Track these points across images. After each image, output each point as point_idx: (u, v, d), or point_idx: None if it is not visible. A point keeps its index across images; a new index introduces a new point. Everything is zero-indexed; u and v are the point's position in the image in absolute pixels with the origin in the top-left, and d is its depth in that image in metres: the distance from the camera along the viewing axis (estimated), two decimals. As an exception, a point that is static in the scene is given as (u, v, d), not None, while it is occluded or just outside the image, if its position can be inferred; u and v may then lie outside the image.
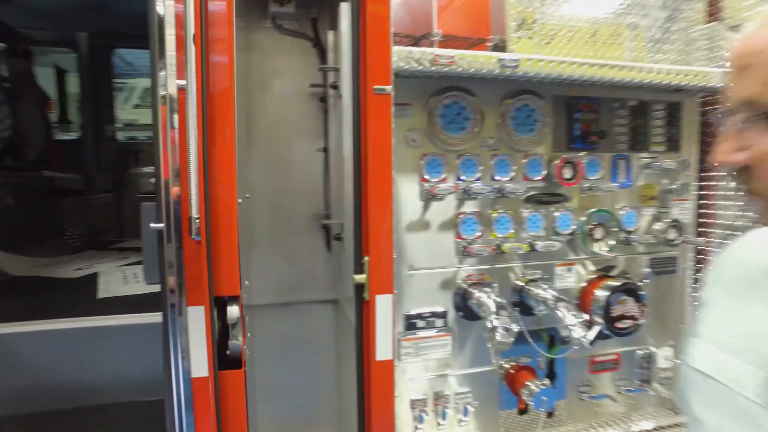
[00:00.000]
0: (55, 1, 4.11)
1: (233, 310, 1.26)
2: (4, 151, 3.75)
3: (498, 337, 1.86)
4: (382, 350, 1.60)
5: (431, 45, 1.99)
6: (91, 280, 2.15)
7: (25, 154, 3.85)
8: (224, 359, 1.24)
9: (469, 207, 2.13)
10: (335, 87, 2.05)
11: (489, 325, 1.89)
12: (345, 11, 1.72)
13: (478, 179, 2.12)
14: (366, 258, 1.58)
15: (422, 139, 2.05)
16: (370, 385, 1.62)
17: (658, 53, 2.19)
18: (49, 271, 2.66)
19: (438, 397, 2.16)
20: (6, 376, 1.75)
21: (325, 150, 2.22)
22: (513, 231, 2.17)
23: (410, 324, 2.08)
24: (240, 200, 1.35)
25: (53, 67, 5.28)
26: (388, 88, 1.53)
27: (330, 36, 2.07)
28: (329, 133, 2.19)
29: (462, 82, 2.06)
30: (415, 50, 1.71)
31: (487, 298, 2.00)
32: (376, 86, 1.49)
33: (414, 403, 2.11)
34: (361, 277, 1.57)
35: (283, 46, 2.14)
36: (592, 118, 2.25)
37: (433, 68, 1.75)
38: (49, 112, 4.56)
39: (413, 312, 2.08)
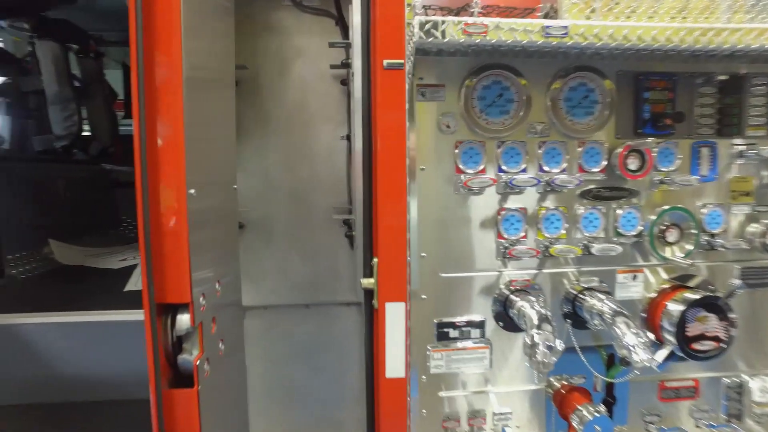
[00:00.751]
0: (124, 3, 4.25)
1: (183, 320, 1.11)
2: (71, 145, 3.97)
3: (539, 355, 1.59)
4: (393, 366, 1.39)
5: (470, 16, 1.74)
6: (129, 271, 2.11)
7: (90, 148, 4.06)
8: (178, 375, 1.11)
9: (513, 202, 1.86)
10: (347, 65, 1.86)
11: (528, 340, 1.61)
12: (357, -24, 1.52)
13: (523, 170, 1.84)
14: (375, 260, 1.37)
15: (458, 125, 1.81)
16: (380, 405, 1.42)
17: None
18: (95, 261, 2.73)
19: (474, 416, 1.92)
20: (26, 365, 1.76)
21: (349, 138, 2.04)
22: (564, 231, 1.87)
23: (442, 333, 1.85)
24: (235, 186, 1.20)
25: (122, 66, 5.54)
26: (401, 62, 1.30)
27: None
28: (353, 119, 2.01)
29: (505, 59, 1.79)
30: (439, 19, 1.47)
31: (529, 309, 1.72)
32: (387, 60, 1.28)
33: (445, 422, 1.88)
34: (369, 282, 1.37)
35: (303, 25, 1.98)
36: (667, 97, 1.88)
37: (462, 40, 1.50)
38: (116, 109, 4.79)
39: (446, 320, 1.85)
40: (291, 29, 1.97)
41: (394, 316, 1.37)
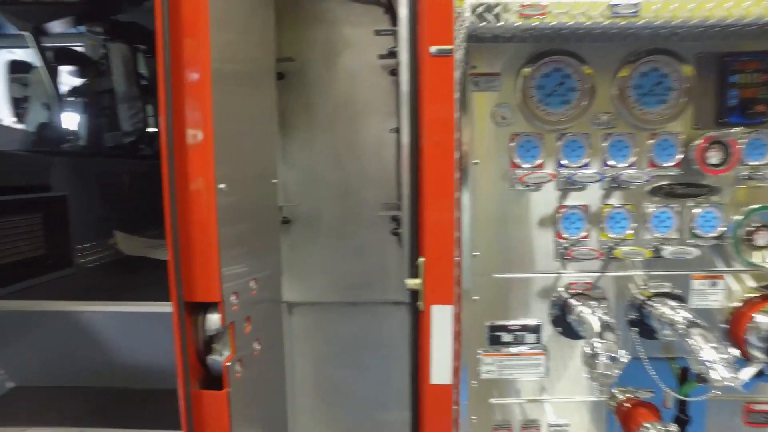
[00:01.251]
0: (188, 2, 4.39)
1: (213, 319, 1.09)
2: (138, 141, 4.18)
3: (600, 367, 1.45)
4: (439, 372, 1.31)
5: None
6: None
7: (154, 144, 4.26)
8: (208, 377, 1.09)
9: (574, 199, 1.72)
10: (392, 55, 1.78)
11: (588, 350, 1.48)
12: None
13: (585, 165, 1.69)
14: (421, 260, 1.29)
15: (514, 116, 1.69)
16: (424, 411, 1.34)
17: None
18: (155, 252, 2.84)
19: (527, 426, 1.81)
20: (87, 351, 1.85)
21: (398, 131, 1.97)
22: (632, 231, 1.70)
23: (494, 337, 1.75)
24: (275, 181, 1.16)
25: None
26: (449, 48, 1.21)
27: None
28: (401, 111, 1.93)
29: (566, 44, 1.65)
30: (493, 1, 1.37)
31: (590, 315, 1.59)
32: (433, 47, 1.19)
33: (496, 431, 1.78)
34: (415, 282, 1.29)
35: (351, 14, 1.92)
36: (760, 80, 1.66)
37: (518, 23, 1.38)
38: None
39: (498, 323, 1.75)
40: (338, 19, 1.93)
41: (441, 319, 1.29)
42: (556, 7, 1.39)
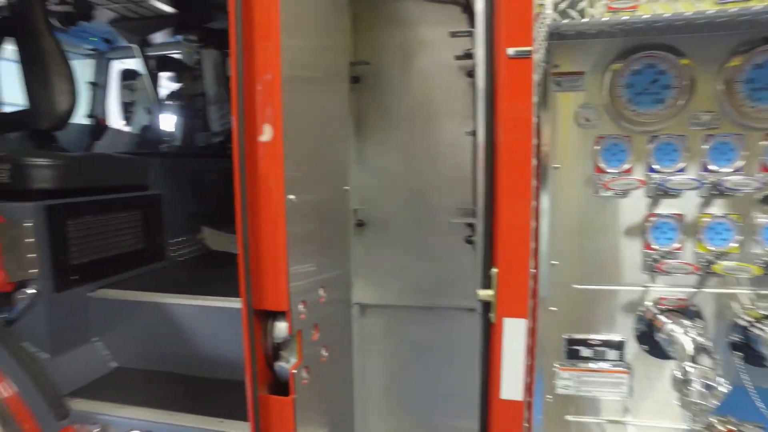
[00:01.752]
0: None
1: (280, 327, 1.10)
2: (226, 140, 4.44)
3: (693, 395, 1.32)
4: (509, 387, 1.26)
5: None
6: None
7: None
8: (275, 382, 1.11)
9: (666, 207, 1.58)
10: (469, 56, 1.72)
11: (679, 374, 1.35)
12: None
13: (680, 170, 1.54)
14: (494, 270, 1.24)
15: (599, 118, 1.58)
16: (492, 427, 1.29)
17: None
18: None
19: (607, 448, 1.69)
20: (174, 339, 1.99)
21: (475, 133, 1.90)
22: (737, 244, 1.53)
23: (572, 351, 1.66)
24: (347, 188, 1.17)
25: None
26: (528, 50, 1.15)
27: (481, -1, 1.73)
28: (477, 114, 1.86)
29: (662, 37, 1.50)
30: (579, -3, 1.28)
31: (683, 335, 1.45)
32: (511, 49, 1.13)
33: (572, 450, 1.69)
34: (487, 294, 1.25)
35: (428, 15, 1.89)
36: None
37: (605, 18, 1.29)
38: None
39: (577, 336, 1.65)
40: (414, 20, 1.90)
41: (513, 333, 1.23)
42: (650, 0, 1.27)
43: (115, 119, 5.02)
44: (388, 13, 1.89)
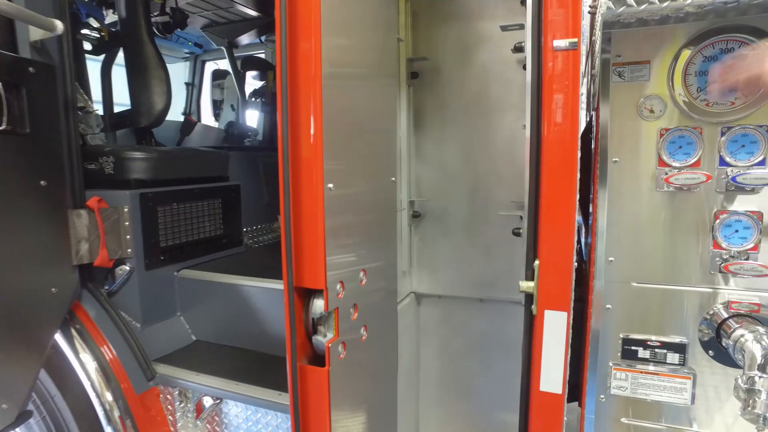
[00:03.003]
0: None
1: (317, 304, 1.18)
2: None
3: (759, 406, 1.23)
4: (549, 380, 1.25)
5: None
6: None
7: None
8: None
9: (740, 203, 1.47)
10: (520, 49, 1.69)
11: (743, 383, 1.26)
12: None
13: (759, 163, 1.43)
14: (536, 262, 1.24)
15: (664, 108, 1.50)
16: (531, 419, 1.29)
17: None
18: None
19: (666, 456, 1.61)
20: (243, 318, 2.18)
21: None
22: (825, 245, 1.39)
23: (628, 352, 1.60)
24: (394, 179, 1.23)
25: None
26: (571, 42, 1.13)
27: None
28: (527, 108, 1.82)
29: (742, 18, 1.39)
30: (635, -19, 1.23)
31: (752, 342, 1.35)
32: (556, 41, 1.12)
33: (626, 455, 1.63)
34: (528, 285, 1.25)
35: (486, 8, 1.88)
36: None
37: (665, 4, 1.23)
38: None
39: (634, 336, 1.59)
40: (472, 14, 1.90)
41: (554, 325, 1.23)
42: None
43: (207, 116, 5.48)
44: (447, 9, 1.92)
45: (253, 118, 5.18)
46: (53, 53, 1.85)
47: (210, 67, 5.44)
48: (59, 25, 1.73)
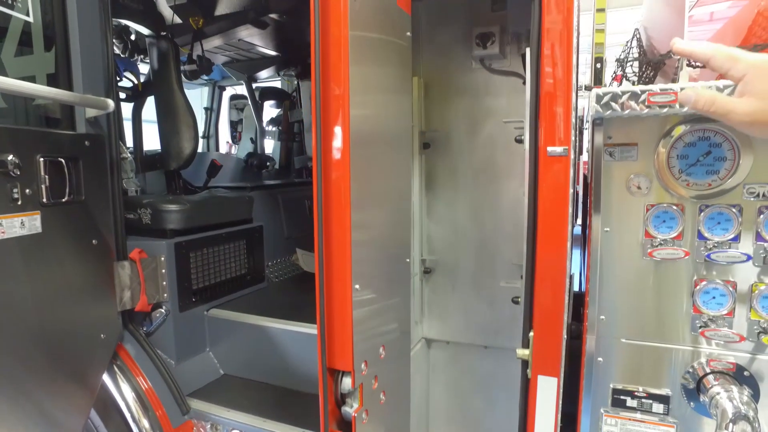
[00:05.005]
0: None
1: (346, 382, 1.37)
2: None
3: (726, 460, 1.41)
4: (543, 433, 1.43)
5: (675, 67, 1.61)
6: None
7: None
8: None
9: (717, 273, 1.64)
10: (520, 141, 1.88)
11: (715, 439, 1.44)
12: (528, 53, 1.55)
13: (734, 238, 1.60)
14: (531, 333, 1.43)
15: (651, 186, 1.68)
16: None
17: None
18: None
19: (654, 498, 1.78)
20: (267, 355, 2.39)
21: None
22: (792, 314, 1.56)
23: (618, 400, 1.77)
24: (408, 260, 1.42)
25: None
26: (564, 149, 1.32)
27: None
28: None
29: (717, 113, 1.57)
30: (619, 90, 1.42)
31: (725, 400, 1.52)
32: (550, 147, 1.31)
33: (616, 496, 1.80)
34: (524, 353, 1.44)
35: (492, 86, 2.07)
36: None
37: (644, 112, 1.41)
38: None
39: (622, 387, 1.76)
40: (480, 90, 2.09)
41: (546, 390, 1.41)
42: (689, 94, 1.37)
43: (225, 143, 5.73)
44: (456, 84, 2.11)
45: (269, 145, 5.42)
46: (103, 123, 2.08)
47: (228, 90, 5.70)
48: (111, 104, 1.95)
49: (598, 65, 1.69)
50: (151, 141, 3.21)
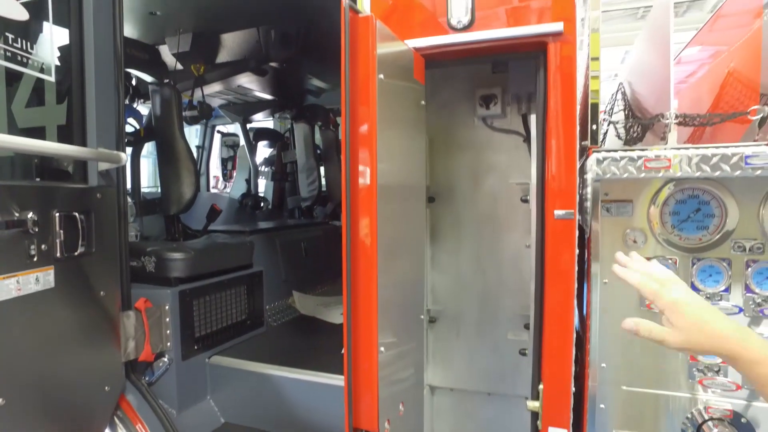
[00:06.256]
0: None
1: None
2: (312, 204, 4.96)
3: (728, 506, 1.46)
4: (553, 486, 1.48)
5: (664, 129, 1.73)
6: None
7: (326, 207, 4.99)
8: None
9: (712, 323, 1.72)
10: (525, 201, 1.99)
11: (717, 487, 1.49)
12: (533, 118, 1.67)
13: (725, 290, 1.70)
14: (541, 386, 1.49)
15: (646, 240, 1.77)
16: None
17: None
18: (324, 313, 3.39)
19: None
20: (267, 402, 2.38)
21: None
22: (783, 363, 1.64)
23: (621, 447, 1.82)
24: (422, 317, 1.45)
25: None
26: (571, 212, 1.41)
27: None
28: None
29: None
30: (617, 155, 1.53)
31: (725, 448, 1.59)
32: (556, 210, 1.41)
33: None
34: (534, 405, 1.49)
35: (494, 142, 2.19)
36: None
37: (641, 176, 1.52)
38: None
39: (626, 433, 1.81)
40: (483, 146, 2.21)
41: (557, 441, 1.46)
42: (681, 160, 1.49)
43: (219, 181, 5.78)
44: (460, 140, 2.23)
45: (261, 184, 5.48)
46: (113, 174, 2.11)
47: (223, 130, 5.77)
48: (124, 157, 2.00)
49: (594, 126, 1.80)
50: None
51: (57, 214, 1.76)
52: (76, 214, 1.84)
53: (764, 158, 1.44)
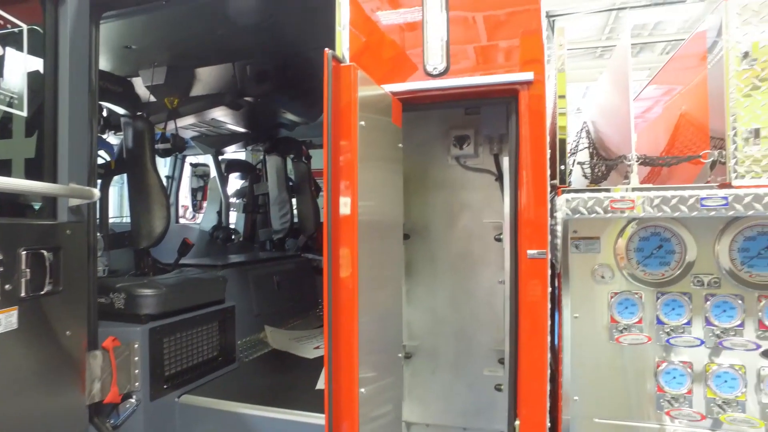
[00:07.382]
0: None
1: None
2: (284, 237, 4.93)
3: None
4: None
5: (627, 169, 1.83)
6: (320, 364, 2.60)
7: (298, 239, 4.97)
8: None
9: (676, 355, 1.80)
10: (499, 240, 2.07)
11: None
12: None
13: (687, 323, 1.78)
14: (517, 423, 1.52)
15: (613, 275, 1.85)
16: None
17: None
18: (297, 347, 3.34)
19: None
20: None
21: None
22: (742, 392, 1.72)
23: (595, 479, 1.84)
24: (400, 357, 1.46)
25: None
26: (541, 252, 1.47)
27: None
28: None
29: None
30: (585, 196, 1.61)
31: (693, 477, 1.63)
32: (529, 250, 1.47)
33: None
34: (512, 441, 1.51)
35: (467, 181, 2.27)
36: None
37: (608, 216, 1.61)
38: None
39: (599, 466, 1.84)
40: (456, 185, 2.29)
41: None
42: (644, 201, 1.58)
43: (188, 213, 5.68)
44: (435, 178, 2.30)
45: (232, 216, 5.42)
46: (83, 209, 2.07)
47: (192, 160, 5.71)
48: (97, 193, 1.97)
49: (562, 167, 1.90)
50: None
51: (24, 252, 1.70)
52: (44, 252, 1.79)
53: (717, 200, 1.54)
